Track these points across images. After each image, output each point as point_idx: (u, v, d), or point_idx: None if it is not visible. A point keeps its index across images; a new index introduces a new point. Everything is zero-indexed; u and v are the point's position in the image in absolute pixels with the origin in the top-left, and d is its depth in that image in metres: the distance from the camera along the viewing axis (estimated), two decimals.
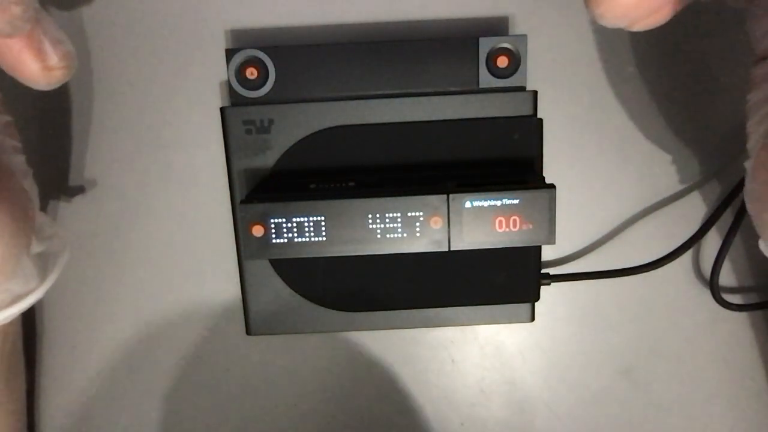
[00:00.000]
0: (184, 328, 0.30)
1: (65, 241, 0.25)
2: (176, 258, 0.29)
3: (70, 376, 0.30)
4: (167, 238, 0.29)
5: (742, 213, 0.27)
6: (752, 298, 0.29)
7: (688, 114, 0.28)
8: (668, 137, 0.28)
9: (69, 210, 0.28)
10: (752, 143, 0.20)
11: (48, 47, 0.19)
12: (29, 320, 0.30)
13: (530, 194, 0.23)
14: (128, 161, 0.28)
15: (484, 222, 0.23)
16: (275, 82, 0.25)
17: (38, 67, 0.19)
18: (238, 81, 0.25)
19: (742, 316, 0.30)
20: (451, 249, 0.23)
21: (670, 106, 0.28)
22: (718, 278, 0.28)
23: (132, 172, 0.28)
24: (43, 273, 0.24)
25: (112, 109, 0.28)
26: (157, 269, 0.29)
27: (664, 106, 0.28)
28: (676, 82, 0.28)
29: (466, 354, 0.30)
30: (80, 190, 0.28)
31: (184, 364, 0.30)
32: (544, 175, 0.26)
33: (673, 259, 0.28)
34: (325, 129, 0.26)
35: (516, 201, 0.23)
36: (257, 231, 0.23)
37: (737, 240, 0.28)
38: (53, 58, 0.19)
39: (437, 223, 0.23)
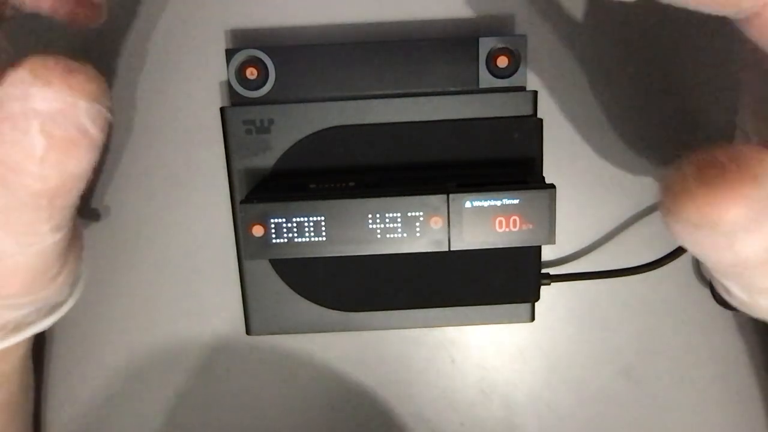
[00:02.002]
0: (184, 328, 0.30)
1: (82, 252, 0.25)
2: (176, 258, 0.29)
3: (72, 375, 0.30)
4: (167, 237, 0.29)
5: None
6: None
7: (688, 114, 0.28)
8: (669, 137, 0.28)
9: None
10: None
11: None
12: None
13: (530, 194, 0.23)
14: (127, 161, 0.28)
15: (484, 222, 0.23)
16: (275, 82, 0.25)
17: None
18: (238, 81, 0.25)
19: (741, 316, 0.30)
20: (451, 249, 0.23)
21: (671, 106, 0.28)
22: None
23: (131, 172, 0.28)
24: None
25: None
26: (157, 269, 0.29)
27: (665, 106, 0.28)
28: (677, 81, 0.28)
29: (466, 354, 0.30)
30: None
31: (184, 364, 0.30)
32: (544, 175, 0.26)
33: (673, 259, 0.28)
34: (325, 129, 0.26)
35: (516, 201, 0.22)
36: (257, 231, 0.23)
37: None
38: None
39: (437, 223, 0.23)
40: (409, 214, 0.23)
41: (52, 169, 0.16)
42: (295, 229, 0.23)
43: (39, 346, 0.30)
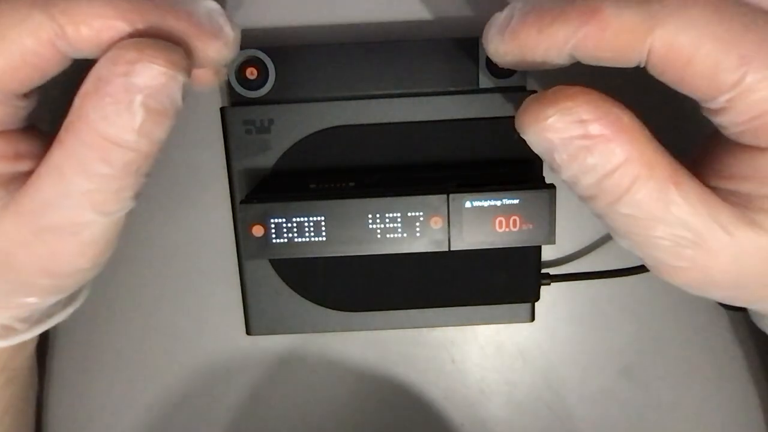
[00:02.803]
0: (184, 328, 0.30)
1: None
2: (176, 258, 0.29)
3: (71, 376, 0.30)
4: (167, 238, 0.29)
5: None
6: None
7: (688, 114, 0.28)
8: (668, 138, 0.28)
9: None
10: None
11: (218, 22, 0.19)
12: None
13: (530, 194, 0.23)
14: None
15: (484, 222, 0.23)
16: (275, 82, 0.25)
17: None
18: (238, 81, 0.25)
19: (741, 316, 0.30)
20: (451, 249, 0.23)
21: (670, 107, 0.28)
22: None
23: None
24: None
25: None
26: (156, 270, 0.29)
27: (664, 106, 0.28)
28: None
29: (466, 354, 0.30)
30: None
31: (184, 364, 0.30)
32: (544, 175, 0.26)
33: None
34: (325, 129, 0.26)
35: (516, 201, 0.22)
36: (257, 231, 0.23)
37: None
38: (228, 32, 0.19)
39: (437, 223, 0.23)
40: (409, 214, 0.23)
41: (146, 138, 0.18)
42: (295, 229, 0.23)
43: (40, 349, 0.30)
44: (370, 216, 0.23)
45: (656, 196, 0.18)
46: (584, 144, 0.17)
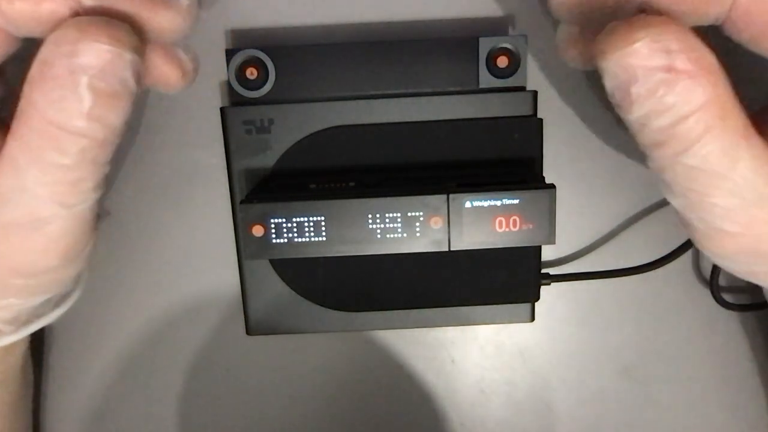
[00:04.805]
0: (184, 328, 0.30)
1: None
2: (176, 258, 0.29)
3: (72, 377, 0.30)
4: (167, 238, 0.29)
5: None
6: (752, 298, 0.29)
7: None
8: None
9: None
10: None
11: (182, 53, 0.20)
12: None
13: (530, 194, 0.23)
14: (127, 162, 0.28)
15: (484, 222, 0.23)
16: (275, 82, 0.25)
17: (179, 75, 0.20)
18: (238, 81, 0.25)
19: (742, 316, 0.30)
20: (451, 249, 0.23)
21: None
22: (718, 278, 0.28)
23: (131, 172, 0.28)
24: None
25: None
26: (157, 269, 0.29)
27: None
28: None
29: (466, 354, 0.30)
30: None
31: (184, 364, 0.30)
32: (544, 175, 0.26)
33: (673, 259, 0.28)
34: (325, 129, 0.26)
35: (516, 201, 0.23)
36: (257, 231, 0.23)
37: None
38: (188, 63, 0.20)
39: (437, 223, 0.23)
40: (409, 214, 0.23)
41: (98, 123, 0.17)
42: (295, 229, 0.23)
43: (37, 346, 0.30)
44: (370, 216, 0.23)
45: (726, 150, 0.16)
46: (667, 78, 0.16)
